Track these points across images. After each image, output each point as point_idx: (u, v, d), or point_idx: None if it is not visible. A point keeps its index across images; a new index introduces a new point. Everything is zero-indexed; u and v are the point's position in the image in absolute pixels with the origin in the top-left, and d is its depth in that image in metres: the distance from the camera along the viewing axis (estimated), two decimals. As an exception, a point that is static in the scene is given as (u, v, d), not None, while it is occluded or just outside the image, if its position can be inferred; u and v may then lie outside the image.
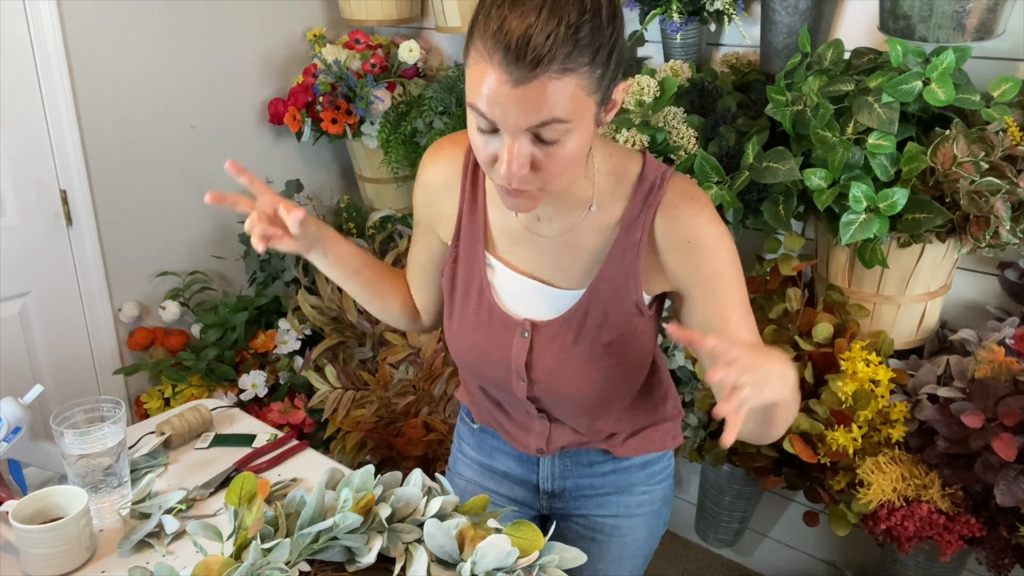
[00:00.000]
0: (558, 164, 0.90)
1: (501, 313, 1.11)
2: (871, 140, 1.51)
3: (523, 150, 0.88)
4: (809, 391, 1.73)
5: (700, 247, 1.02)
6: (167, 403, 2.26)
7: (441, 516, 1.07)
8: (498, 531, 1.02)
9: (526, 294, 1.10)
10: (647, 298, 1.08)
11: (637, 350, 1.11)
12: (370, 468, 1.09)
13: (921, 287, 1.68)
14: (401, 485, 1.10)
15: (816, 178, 1.55)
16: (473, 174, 1.11)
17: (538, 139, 0.88)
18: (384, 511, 1.03)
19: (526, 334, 1.10)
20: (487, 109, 0.86)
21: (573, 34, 0.83)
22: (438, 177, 1.13)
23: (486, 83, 0.85)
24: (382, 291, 1.23)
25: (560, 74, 0.83)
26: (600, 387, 1.11)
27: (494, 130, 0.89)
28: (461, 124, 2.14)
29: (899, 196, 1.48)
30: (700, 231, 1.02)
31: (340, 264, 1.15)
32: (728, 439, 0.79)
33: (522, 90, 0.83)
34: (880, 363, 1.62)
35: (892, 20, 1.57)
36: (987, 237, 1.46)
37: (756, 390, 0.81)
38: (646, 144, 1.70)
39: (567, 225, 1.06)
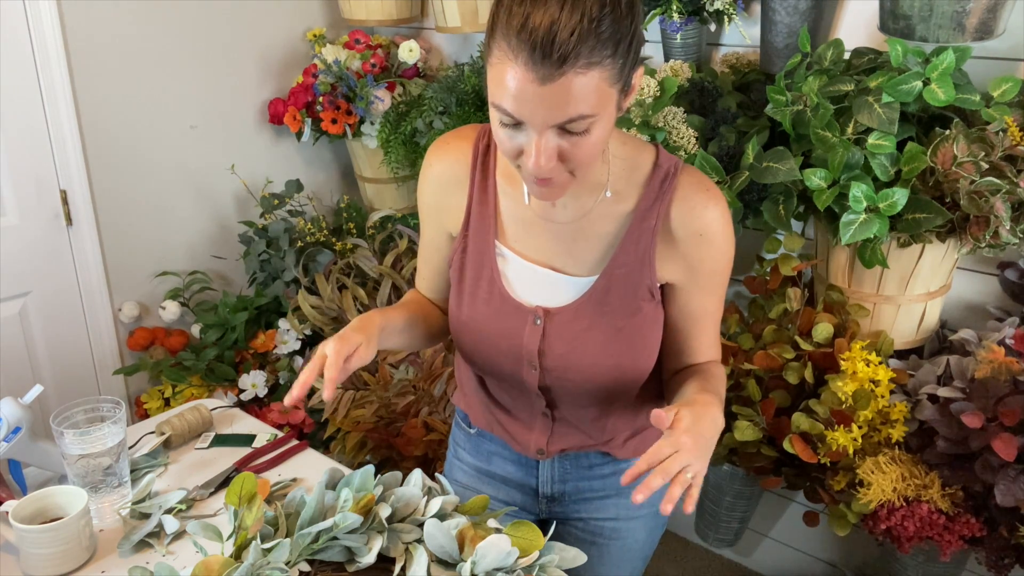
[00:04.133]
0: (585, 153, 0.91)
1: (513, 301, 1.11)
2: (871, 140, 1.51)
3: (550, 143, 0.89)
4: (809, 391, 1.73)
5: (710, 243, 1.06)
6: (167, 403, 2.26)
7: (441, 516, 1.07)
8: (498, 531, 1.02)
9: (538, 282, 1.11)
10: (657, 284, 1.10)
11: (646, 337, 1.12)
12: (370, 468, 1.09)
13: (921, 287, 1.68)
14: (401, 485, 1.10)
15: (816, 178, 1.55)
16: (482, 165, 1.11)
17: (564, 131, 0.89)
18: (384, 511, 1.03)
19: (538, 321, 1.10)
20: (513, 107, 0.87)
21: (595, 28, 0.84)
22: (446, 172, 1.14)
23: (511, 82, 0.86)
24: (429, 328, 1.24)
25: (586, 69, 0.84)
26: (611, 375, 1.11)
27: (518, 124, 0.90)
28: (461, 124, 2.14)
29: (899, 196, 1.48)
30: (713, 226, 1.05)
31: (388, 339, 1.14)
32: (689, 507, 0.88)
33: (549, 88, 0.84)
34: (880, 363, 1.62)
35: (892, 20, 1.57)
36: (987, 237, 1.46)
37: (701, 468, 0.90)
38: (646, 144, 1.70)
39: (581, 211, 1.07)
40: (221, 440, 1.43)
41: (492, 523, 1.08)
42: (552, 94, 0.85)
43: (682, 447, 0.89)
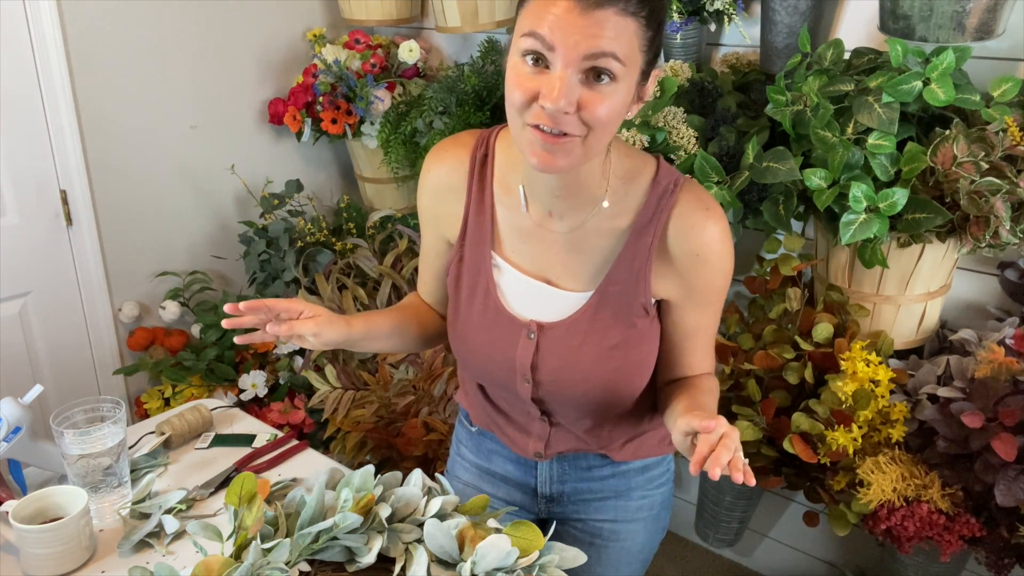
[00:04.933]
0: (602, 112, 0.91)
1: (507, 314, 1.11)
2: (871, 140, 1.51)
3: (573, 82, 0.90)
4: (809, 391, 1.73)
5: (706, 263, 1.05)
6: (167, 403, 2.26)
7: (441, 516, 1.07)
8: (498, 531, 1.02)
9: (533, 295, 1.10)
10: (652, 301, 1.09)
11: (641, 353, 1.11)
12: (370, 468, 1.09)
13: (921, 287, 1.68)
14: (401, 485, 1.10)
15: (816, 178, 1.55)
16: (480, 174, 1.11)
17: (587, 81, 0.90)
18: (384, 511, 1.03)
19: (532, 335, 1.10)
20: (549, 32, 0.88)
21: None
22: (443, 179, 1.13)
23: (552, 11, 0.89)
24: (423, 332, 1.25)
25: (623, 14, 0.88)
26: (604, 389, 1.11)
27: (544, 67, 0.90)
28: (461, 124, 2.14)
29: (899, 196, 1.48)
30: (711, 246, 1.04)
31: (374, 343, 1.18)
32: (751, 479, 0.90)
33: (587, 17, 0.87)
34: (880, 363, 1.61)
35: (892, 20, 1.57)
36: (987, 237, 1.46)
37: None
38: (646, 144, 1.70)
39: (578, 221, 1.07)
40: (221, 440, 1.43)
41: (492, 523, 1.08)
42: (589, 24, 0.87)
43: (728, 427, 0.91)
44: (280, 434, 1.44)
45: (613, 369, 1.10)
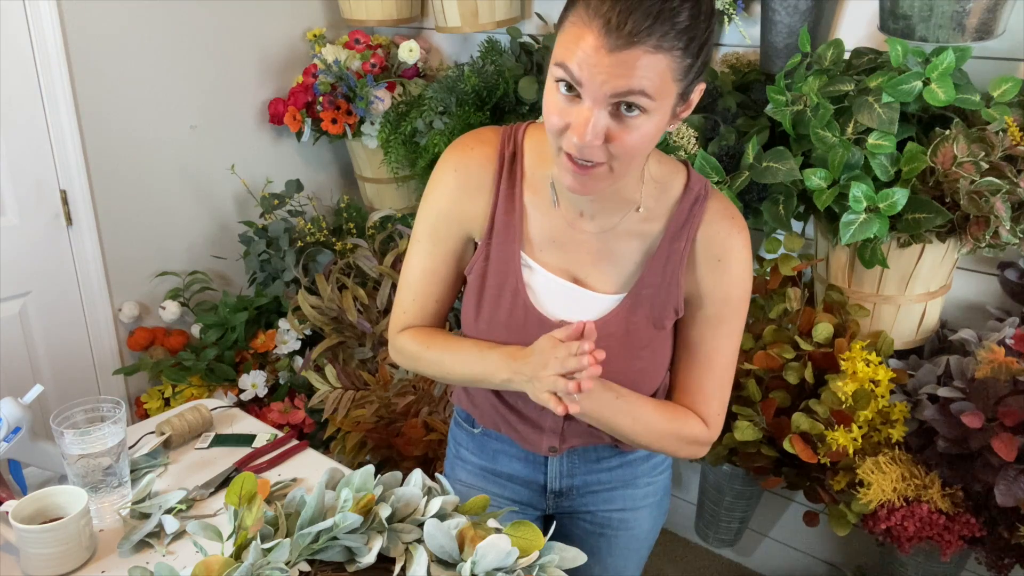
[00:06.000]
0: (630, 143, 0.91)
1: (537, 314, 1.11)
2: (871, 140, 1.51)
3: (600, 119, 0.89)
4: (809, 391, 1.73)
5: (727, 269, 1.07)
6: (167, 403, 2.26)
7: (441, 516, 1.07)
8: (498, 531, 1.02)
9: (563, 296, 1.10)
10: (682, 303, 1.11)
11: (664, 352, 1.13)
12: (370, 468, 1.09)
13: (921, 287, 1.68)
14: (401, 485, 1.10)
15: (816, 178, 1.55)
16: (509, 173, 1.10)
17: (617, 113, 0.90)
18: (384, 511, 1.03)
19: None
20: (577, 69, 0.88)
21: (672, 16, 0.86)
22: (471, 178, 1.12)
23: (582, 47, 0.88)
24: None
25: (654, 50, 0.86)
26: (629, 388, 1.11)
27: (576, 96, 0.90)
28: (461, 124, 2.14)
29: (899, 196, 1.48)
30: (732, 254, 1.06)
31: None
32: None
33: (615, 57, 0.86)
34: (880, 363, 1.62)
35: (892, 20, 1.57)
36: (987, 237, 1.46)
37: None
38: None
39: (609, 224, 1.07)
40: (221, 440, 1.43)
41: (492, 523, 1.08)
42: (617, 64, 0.86)
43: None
44: (280, 434, 1.44)
45: (639, 369, 1.11)
